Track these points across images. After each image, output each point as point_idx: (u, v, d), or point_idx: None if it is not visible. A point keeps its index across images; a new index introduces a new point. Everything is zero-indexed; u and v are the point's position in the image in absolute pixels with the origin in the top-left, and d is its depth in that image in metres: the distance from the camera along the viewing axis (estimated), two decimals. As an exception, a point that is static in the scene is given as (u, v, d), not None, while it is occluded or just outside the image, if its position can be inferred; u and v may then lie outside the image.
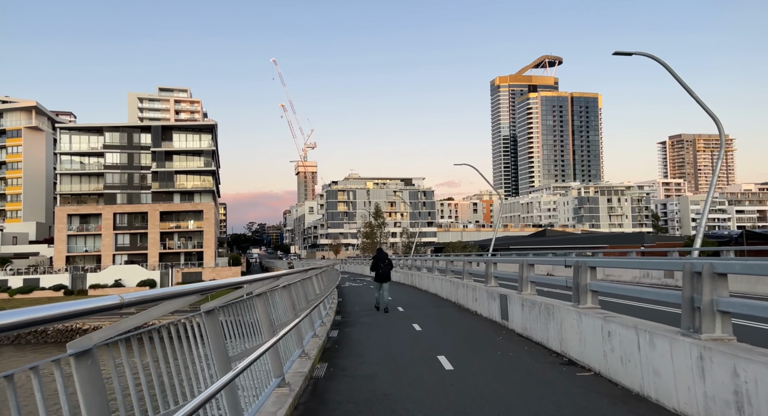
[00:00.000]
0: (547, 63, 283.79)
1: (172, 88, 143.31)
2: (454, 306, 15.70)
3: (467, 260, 15.59)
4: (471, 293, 14.19)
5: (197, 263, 75.71)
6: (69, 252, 74.71)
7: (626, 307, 11.12)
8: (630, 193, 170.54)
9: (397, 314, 14.54)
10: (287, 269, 10.27)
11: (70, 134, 77.91)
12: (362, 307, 16.95)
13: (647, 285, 16.54)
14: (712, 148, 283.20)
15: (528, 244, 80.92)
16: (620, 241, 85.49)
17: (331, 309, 14.53)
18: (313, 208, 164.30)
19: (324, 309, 12.92)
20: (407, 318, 13.39)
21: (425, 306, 16.27)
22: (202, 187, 79.71)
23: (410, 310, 15.19)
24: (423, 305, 16.56)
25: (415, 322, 12.57)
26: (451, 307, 15.54)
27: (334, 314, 14.35)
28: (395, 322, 12.91)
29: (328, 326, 11.67)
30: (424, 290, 22.71)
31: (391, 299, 16.65)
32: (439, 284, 19.12)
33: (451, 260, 17.28)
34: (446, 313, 14.30)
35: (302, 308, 8.45)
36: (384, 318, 13.84)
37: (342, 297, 21.12)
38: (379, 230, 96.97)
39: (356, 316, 14.57)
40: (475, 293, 13.65)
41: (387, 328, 12.00)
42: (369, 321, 13.30)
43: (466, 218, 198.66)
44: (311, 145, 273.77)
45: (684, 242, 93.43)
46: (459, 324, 12.41)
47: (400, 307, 16.01)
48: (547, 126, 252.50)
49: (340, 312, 15.53)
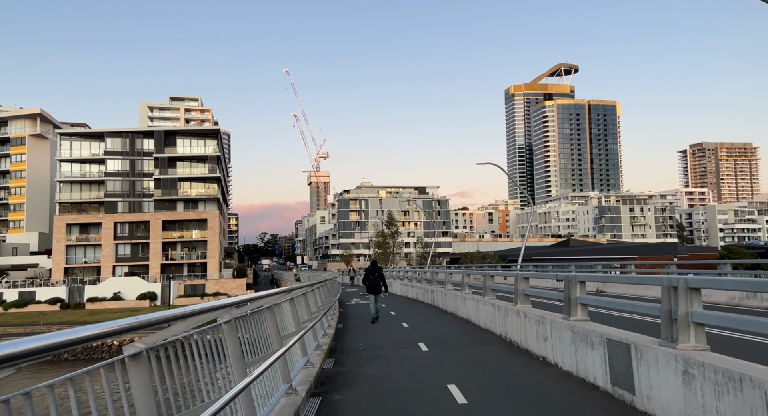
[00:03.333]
0: (563, 71, 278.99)
1: (184, 97, 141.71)
2: (504, 344, 10.86)
3: (520, 274, 10.30)
4: (534, 328, 9.52)
5: (201, 274, 71.84)
6: (68, 263, 71.30)
7: None
8: (653, 202, 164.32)
9: (420, 360, 9.49)
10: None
11: (70, 140, 74.85)
12: (368, 344, 11.81)
13: None
14: (735, 156, 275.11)
15: (551, 255, 76.02)
16: (650, 252, 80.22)
17: (319, 354, 9.41)
18: (324, 218, 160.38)
19: (309, 347, 8.42)
20: (438, 372, 8.36)
21: (458, 343, 11.54)
22: (207, 194, 75.99)
23: (439, 350, 10.41)
24: (455, 341, 11.77)
25: (452, 379, 7.78)
26: (500, 346, 10.66)
27: (322, 359, 9.21)
28: (418, 378, 7.98)
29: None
30: (450, 312, 17.87)
31: (407, 326, 14.43)
32: (472, 308, 14.48)
33: (489, 274, 12.61)
34: (495, 359, 9.33)
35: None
36: (402, 370, 8.68)
37: (344, 322, 16.53)
38: (392, 239, 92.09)
39: (357, 362, 9.53)
40: (545, 328, 8.98)
41: (405, 394, 7.09)
42: (375, 376, 8.43)
43: (481, 228, 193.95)
44: (324, 155, 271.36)
45: (719, 254, 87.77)
46: (528, 388, 7.27)
47: (422, 344, 11.18)
48: (563, 134, 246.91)
49: (334, 353, 10.60)
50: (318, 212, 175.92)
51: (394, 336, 12.62)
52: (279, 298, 6.54)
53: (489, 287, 12.60)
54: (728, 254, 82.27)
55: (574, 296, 7.55)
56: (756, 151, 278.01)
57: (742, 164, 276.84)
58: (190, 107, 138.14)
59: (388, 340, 12.04)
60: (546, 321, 8.66)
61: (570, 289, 7.65)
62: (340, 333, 13.62)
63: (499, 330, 11.72)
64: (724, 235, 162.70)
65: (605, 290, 22.35)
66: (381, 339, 12.35)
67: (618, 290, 20.29)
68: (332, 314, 17.58)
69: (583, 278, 7.60)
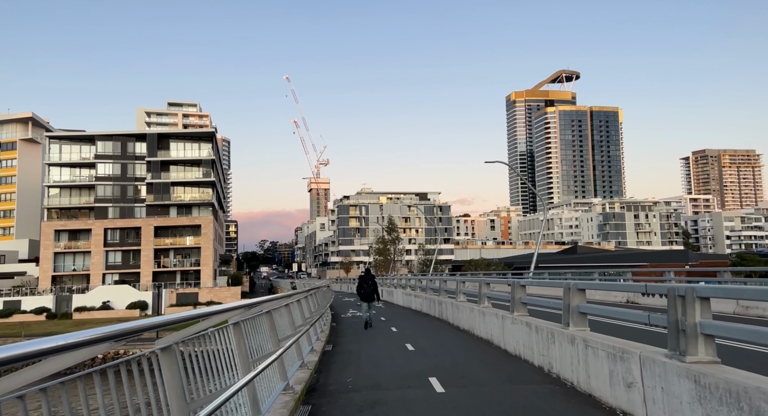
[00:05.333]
0: (564, 78, 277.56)
1: (182, 102, 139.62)
2: (550, 383, 7.66)
3: (572, 284, 7.09)
4: (605, 366, 6.34)
5: (194, 282, 69.02)
6: (56, 271, 68.52)
7: None
8: (658, 209, 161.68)
9: (435, 411, 6.51)
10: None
11: (60, 143, 72.23)
12: (361, 379, 8.70)
13: None
14: (738, 163, 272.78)
15: (559, 262, 73.23)
16: (660, 259, 77.61)
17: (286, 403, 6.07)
18: (324, 224, 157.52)
19: (270, 396, 5.66)
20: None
21: (484, 379, 8.17)
22: (201, 199, 73.26)
23: (459, 391, 7.31)
24: (479, 376, 8.42)
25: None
26: (544, 385, 7.52)
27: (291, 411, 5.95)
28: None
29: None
30: (464, 329, 14.80)
31: (413, 348, 12.06)
32: (495, 326, 11.33)
33: (518, 283, 9.67)
34: (544, 410, 6.35)
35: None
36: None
37: (334, 342, 13.65)
38: (393, 245, 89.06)
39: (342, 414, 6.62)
40: (627, 368, 5.87)
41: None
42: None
43: (483, 235, 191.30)
44: (324, 162, 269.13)
45: (731, 261, 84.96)
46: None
47: (435, 380, 8.10)
48: (565, 141, 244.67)
49: (313, 395, 7.51)
50: (318, 219, 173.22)
51: (397, 366, 9.85)
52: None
53: (519, 301, 9.75)
54: (741, 262, 79.53)
55: (693, 322, 4.78)
56: (759, 158, 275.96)
57: (745, 171, 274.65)
58: (188, 112, 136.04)
59: (388, 372, 9.21)
60: (631, 356, 5.72)
61: (681, 309, 4.98)
62: (326, 359, 10.79)
63: (539, 360, 8.71)
64: (731, 242, 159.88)
65: (637, 301, 19.58)
66: (379, 369, 9.58)
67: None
68: (322, 326, 14.80)
69: (707, 293, 4.80)
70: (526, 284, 9.82)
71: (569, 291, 7.07)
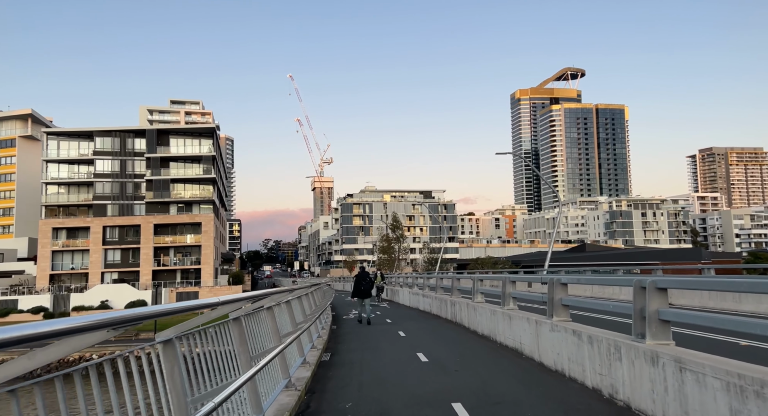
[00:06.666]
0: (569, 75, 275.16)
1: (184, 100, 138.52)
2: (611, 411, 5.92)
3: (649, 281, 5.25)
4: (710, 399, 4.47)
5: (194, 281, 67.53)
6: (54, 270, 67.18)
7: None
8: (665, 207, 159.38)
9: None
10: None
11: (58, 139, 70.79)
12: (364, 403, 6.94)
13: None
14: (745, 161, 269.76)
15: (568, 260, 71.34)
16: (673, 257, 75.67)
17: None
18: (327, 223, 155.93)
19: None
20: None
21: (525, 407, 6.38)
22: (202, 197, 71.70)
23: None
24: (516, 402, 6.61)
25: None
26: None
27: None
28: None
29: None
30: (483, 335, 13.02)
31: (427, 359, 10.35)
32: (526, 333, 9.41)
33: (559, 281, 7.73)
34: None
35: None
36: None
37: (332, 350, 11.79)
38: (397, 244, 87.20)
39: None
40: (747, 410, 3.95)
41: None
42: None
43: (488, 234, 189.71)
44: (327, 160, 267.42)
45: (745, 259, 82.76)
46: None
47: (460, 407, 6.35)
48: (571, 139, 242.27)
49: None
50: (321, 218, 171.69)
51: (409, 384, 7.93)
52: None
53: (559, 303, 7.92)
54: (755, 260, 77.54)
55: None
56: (766, 156, 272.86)
57: (752, 169, 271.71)
58: (190, 110, 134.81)
59: (398, 393, 7.34)
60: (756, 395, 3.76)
61: None
62: (321, 374, 9.07)
63: (594, 380, 6.80)
64: (741, 240, 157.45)
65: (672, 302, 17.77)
66: (387, 389, 7.69)
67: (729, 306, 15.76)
68: (318, 331, 13.08)
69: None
70: (567, 282, 7.98)
71: (644, 292, 5.31)
